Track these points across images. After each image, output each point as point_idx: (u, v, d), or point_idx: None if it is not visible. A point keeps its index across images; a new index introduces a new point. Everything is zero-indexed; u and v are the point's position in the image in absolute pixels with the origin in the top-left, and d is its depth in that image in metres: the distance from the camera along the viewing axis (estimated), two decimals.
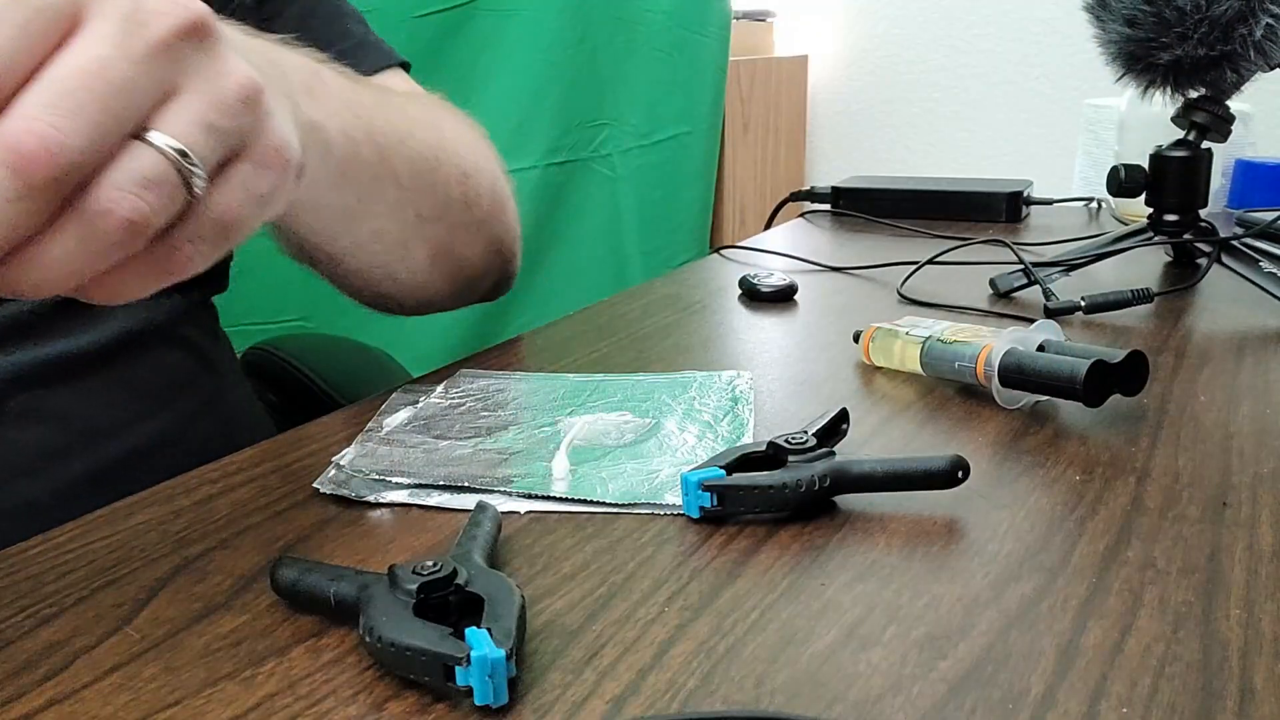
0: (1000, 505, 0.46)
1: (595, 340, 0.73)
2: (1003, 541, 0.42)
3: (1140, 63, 0.79)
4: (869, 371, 0.64)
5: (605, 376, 0.64)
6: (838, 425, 0.51)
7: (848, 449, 0.51)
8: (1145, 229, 0.86)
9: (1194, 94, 0.81)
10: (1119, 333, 0.71)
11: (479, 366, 0.67)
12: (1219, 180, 1.09)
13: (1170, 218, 0.85)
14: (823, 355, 0.68)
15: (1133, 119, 1.07)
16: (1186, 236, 0.84)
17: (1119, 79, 0.82)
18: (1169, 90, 0.80)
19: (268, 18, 0.65)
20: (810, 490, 0.45)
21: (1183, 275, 0.86)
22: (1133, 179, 0.85)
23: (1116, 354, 0.54)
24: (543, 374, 0.65)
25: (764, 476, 0.45)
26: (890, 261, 0.90)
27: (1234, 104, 0.83)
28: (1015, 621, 0.37)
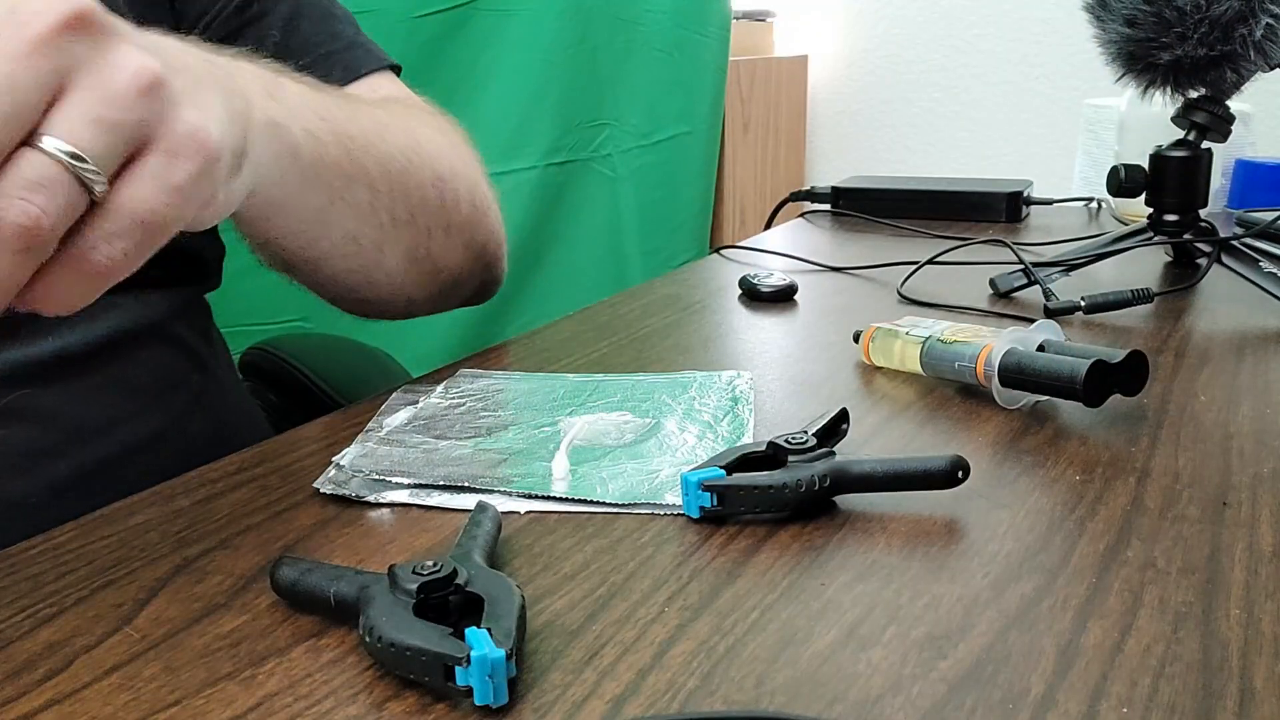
0: (1000, 505, 0.46)
1: (595, 340, 0.73)
2: (1003, 541, 0.42)
3: (1140, 63, 0.79)
4: (869, 371, 0.64)
5: (605, 376, 0.64)
6: (838, 425, 0.51)
7: (848, 449, 0.51)
8: (1145, 229, 0.86)
9: (1194, 94, 0.81)
10: (1119, 333, 0.71)
11: (479, 366, 0.67)
12: (1219, 180, 1.09)
13: (1170, 218, 0.85)
14: (823, 355, 0.68)
15: (1133, 119, 1.07)
16: (1186, 236, 0.84)
17: (1119, 79, 0.82)
18: (1169, 90, 0.80)
19: (255, 18, 0.65)
20: (810, 490, 0.45)
21: (1183, 275, 0.86)
22: (1133, 179, 0.85)
23: (1116, 354, 0.54)
24: (543, 374, 0.65)
25: (764, 476, 0.45)
26: (890, 261, 0.90)
27: (1234, 104, 0.83)
28: (1015, 621, 0.37)
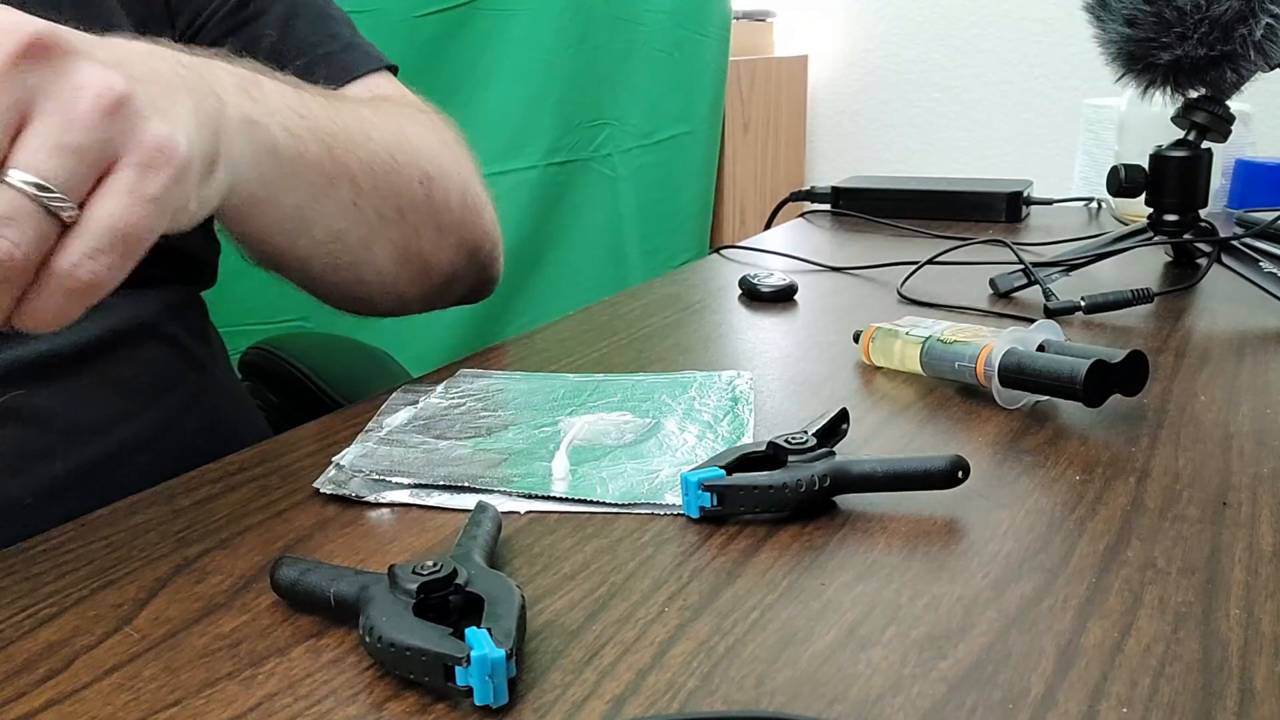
0: (1000, 505, 0.46)
1: (595, 340, 0.73)
2: (1003, 541, 0.42)
3: (1140, 63, 0.79)
4: (869, 371, 0.64)
5: (605, 376, 0.64)
6: (838, 425, 0.51)
7: (848, 449, 0.51)
8: (1145, 229, 0.86)
9: (1194, 94, 0.81)
10: (1119, 333, 0.71)
11: (479, 366, 0.67)
12: (1219, 180, 1.09)
13: (1170, 218, 0.85)
14: (823, 355, 0.68)
15: (1133, 119, 1.07)
16: (1186, 236, 0.84)
17: (1119, 79, 0.82)
18: (1169, 90, 0.80)
19: (251, 18, 0.65)
20: (810, 490, 0.45)
21: (1183, 275, 0.86)
22: (1133, 179, 0.85)
23: (1116, 354, 0.54)
24: (543, 374, 0.65)
25: (764, 476, 0.45)
26: (890, 261, 0.90)
27: (1234, 104, 0.83)
28: (1015, 621, 0.37)
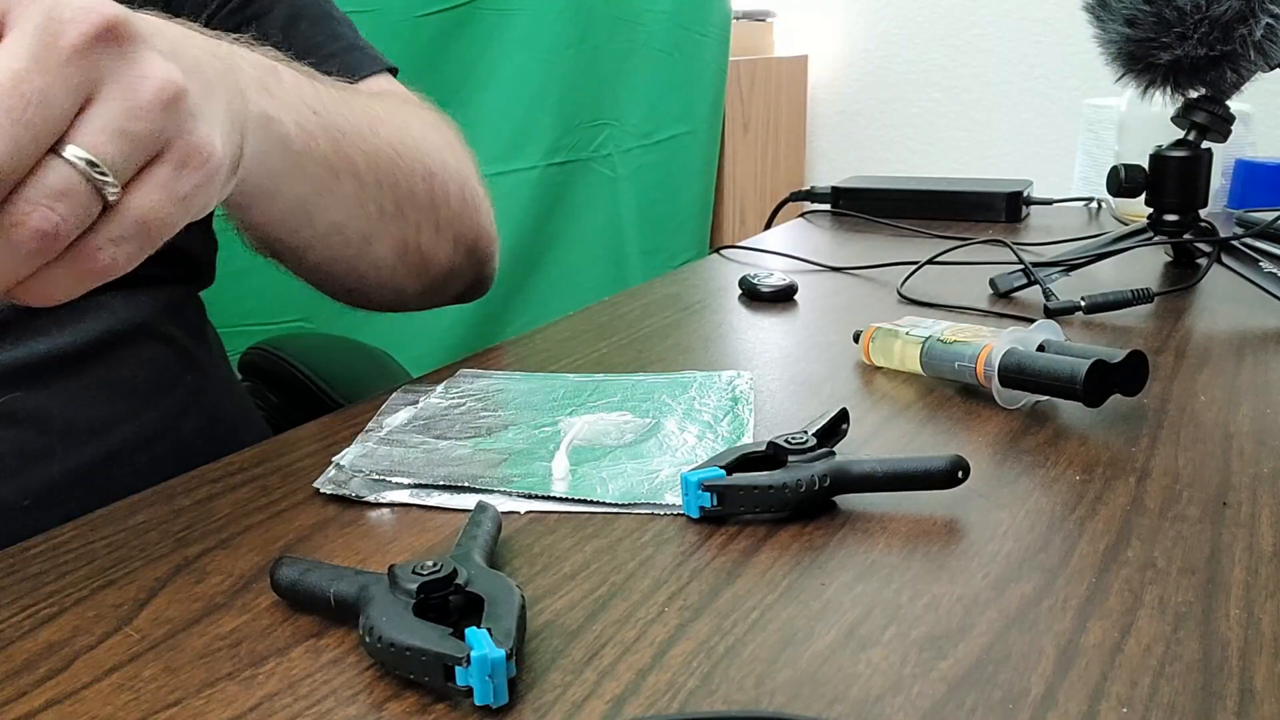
0: (1000, 505, 0.46)
1: (595, 340, 0.73)
2: (1003, 541, 0.42)
3: (1140, 63, 0.79)
4: (869, 371, 0.64)
5: (605, 376, 0.64)
6: (838, 425, 0.51)
7: (848, 449, 0.51)
8: (1145, 229, 0.86)
9: (1194, 94, 0.81)
10: (1119, 333, 0.71)
11: (479, 366, 0.67)
12: (1219, 180, 1.09)
13: (1170, 218, 0.85)
14: (823, 355, 0.68)
15: (1133, 119, 1.07)
16: (1186, 236, 0.84)
17: (1119, 79, 0.82)
18: (1169, 90, 0.80)
19: (254, 17, 0.65)
20: (810, 490, 0.45)
21: (1183, 275, 0.86)
22: (1133, 179, 0.85)
23: (1116, 354, 0.54)
24: (543, 374, 0.65)
25: (764, 476, 0.45)
26: (890, 261, 0.90)
27: (1234, 104, 0.83)
28: (1015, 621, 0.37)
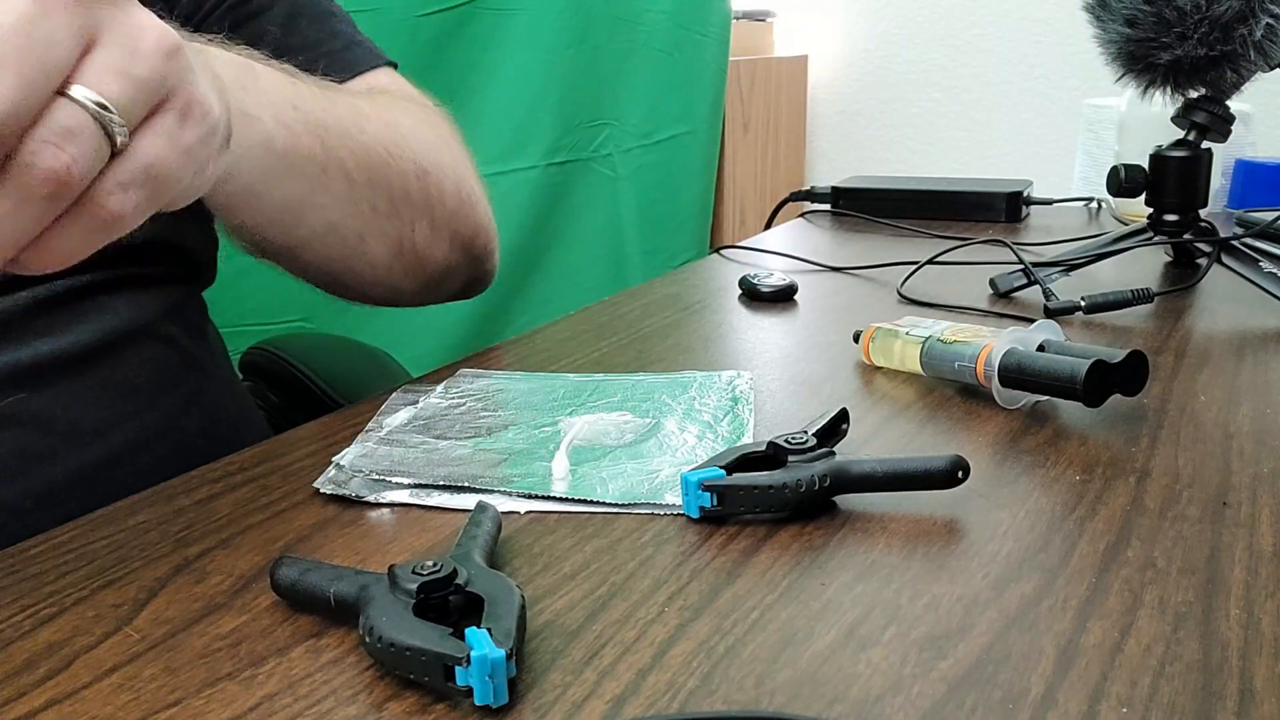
0: (1000, 505, 0.46)
1: (595, 340, 0.73)
2: (1003, 541, 0.42)
3: (1140, 63, 0.79)
4: (869, 371, 0.64)
5: (605, 376, 0.64)
6: (838, 425, 0.51)
7: (848, 449, 0.51)
8: (1145, 229, 0.86)
9: (1194, 94, 0.81)
10: (1119, 333, 0.71)
11: (479, 366, 0.67)
12: (1219, 180, 1.09)
13: (1170, 218, 0.85)
14: (823, 355, 0.68)
15: (1133, 119, 1.07)
16: (1186, 236, 0.84)
17: (1119, 79, 0.82)
18: (1169, 90, 0.80)
19: (253, 14, 0.65)
20: (810, 490, 0.45)
21: (1183, 275, 0.86)
22: (1133, 179, 0.85)
23: (1116, 354, 0.54)
24: (543, 374, 0.65)
25: (764, 476, 0.45)
26: (890, 261, 0.90)
27: (1234, 104, 0.83)
28: (1015, 621, 0.37)
